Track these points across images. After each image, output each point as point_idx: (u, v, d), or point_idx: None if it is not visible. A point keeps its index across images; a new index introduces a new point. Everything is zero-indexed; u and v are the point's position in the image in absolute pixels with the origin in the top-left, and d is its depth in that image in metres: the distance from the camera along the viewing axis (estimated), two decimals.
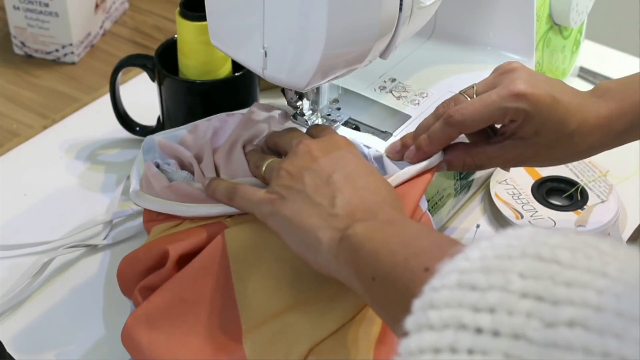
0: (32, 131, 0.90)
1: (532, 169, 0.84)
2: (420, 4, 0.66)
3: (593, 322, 0.35)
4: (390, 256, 0.51)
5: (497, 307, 0.37)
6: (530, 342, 0.36)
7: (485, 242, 0.41)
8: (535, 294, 0.37)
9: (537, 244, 0.40)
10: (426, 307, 0.39)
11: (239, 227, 0.65)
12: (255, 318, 0.62)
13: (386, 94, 0.79)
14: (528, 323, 0.36)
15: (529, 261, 0.39)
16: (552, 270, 0.38)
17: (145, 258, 0.66)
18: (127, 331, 0.62)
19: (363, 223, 0.56)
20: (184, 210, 0.67)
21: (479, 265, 0.40)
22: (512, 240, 0.41)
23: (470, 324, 0.38)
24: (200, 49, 0.80)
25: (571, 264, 0.38)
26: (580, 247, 0.39)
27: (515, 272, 0.38)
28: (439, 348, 0.38)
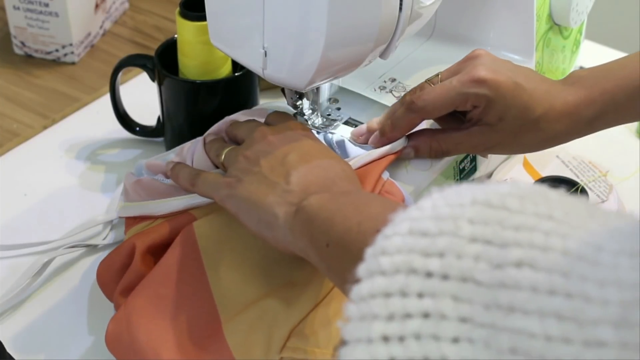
0: (32, 131, 0.90)
1: (532, 169, 0.84)
2: (420, 4, 0.66)
3: (540, 262, 0.36)
4: (343, 221, 0.52)
5: (446, 251, 0.38)
6: (479, 283, 0.37)
7: (438, 194, 0.42)
8: (484, 238, 0.38)
9: (487, 192, 0.40)
10: (378, 253, 0.40)
11: (207, 219, 0.66)
12: (232, 308, 0.63)
13: (386, 94, 0.79)
14: (476, 266, 0.37)
15: (479, 208, 0.39)
16: (500, 215, 0.39)
17: (117, 258, 0.67)
18: (110, 336, 0.63)
19: (317, 195, 0.57)
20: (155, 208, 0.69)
21: (430, 214, 0.40)
22: (463, 190, 0.42)
23: (420, 268, 0.38)
24: (200, 49, 0.80)
25: (519, 210, 0.39)
26: (529, 195, 0.40)
27: (465, 218, 0.39)
28: (390, 292, 0.38)
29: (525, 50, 0.84)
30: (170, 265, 0.64)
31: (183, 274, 0.64)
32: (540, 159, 0.86)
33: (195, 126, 0.81)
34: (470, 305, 0.37)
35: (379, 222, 0.43)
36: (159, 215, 0.69)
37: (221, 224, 0.65)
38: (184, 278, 0.64)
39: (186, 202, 0.68)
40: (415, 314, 0.38)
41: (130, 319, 0.62)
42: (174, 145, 0.80)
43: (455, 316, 0.37)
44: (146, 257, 0.66)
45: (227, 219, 0.65)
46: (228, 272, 0.64)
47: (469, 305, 0.37)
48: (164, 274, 0.64)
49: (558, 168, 0.85)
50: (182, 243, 0.65)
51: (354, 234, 0.51)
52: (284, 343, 0.61)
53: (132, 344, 0.61)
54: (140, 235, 0.67)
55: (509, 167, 0.85)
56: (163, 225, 0.67)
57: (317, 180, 0.60)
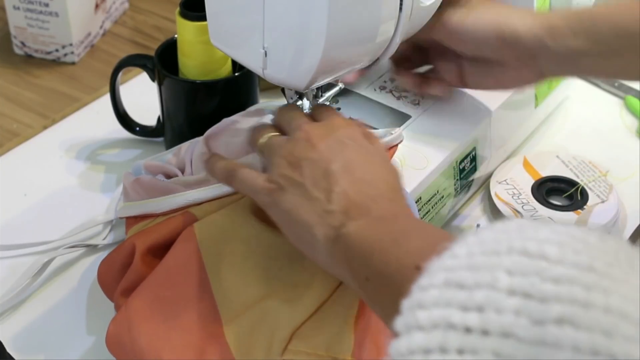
0: (32, 131, 0.90)
1: (532, 169, 0.84)
2: (420, 4, 0.66)
3: (581, 319, 0.35)
4: (382, 255, 0.52)
5: (485, 305, 0.37)
6: (520, 340, 0.36)
7: (472, 238, 0.41)
8: (523, 291, 0.37)
9: (524, 238, 0.39)
10: (414, 307, 0.39)
11: (208, 220, 0.66)
12: (233, 309, 0.62)
13: (386, 94, 0.79)
14: (516, 321, 0.36)
15: (516, 257, 0.38)
16: (539, 266, 0.38)
17: (118, 257, 0.67)
18: (110, 338, 0.63)
19: (356, 222, 0.56)
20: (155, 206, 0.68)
21: (466, 263, 0.39)
22: (499, 235, 0.41)
23: (459, 323, 0.37)
24: (200, 49, 0.80)
25: (558, 260, 0.38)
26: (568, 241, 0.39)
27: (502, 268, 0.38)
28: (429, 349, 0.38)
29: None
30: (171, 266, 0.64)
31: (184, 276, 0.64)
32: (541, 159, 0.86)
33: (195, 126, 0.81)
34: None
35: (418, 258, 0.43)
36: (160, 213, 0.69)
37: (222, 225, 0.65)
38: (185, 280, 0.64)
39: (187, 198, 0.68)
40: None
41: (131, 321, 0.62)
42: (174, 145, 0.80)
43: None
44: (146, 257, 0.66)
45: (228, 220, 0.65)
46: (229, 273, 0.64)
47: None
48: (165, 275, 0.64)
49: (558, 168, 0.85)
50: (182, 244, 0.65)
51: (393, 268, 0.50)
52: (285, 345, 0.61)
53: (133, 345, 0.61)
54: (141, 235, 0.67)
55: (509, 167, 0.85)
56: (163, 225, 0.67)
57: (358, 199, 0.58)
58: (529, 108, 0.87)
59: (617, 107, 0.96)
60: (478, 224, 0.80)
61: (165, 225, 0.67)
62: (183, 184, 0.69)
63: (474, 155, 0.79)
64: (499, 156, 0.84)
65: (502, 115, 0.81)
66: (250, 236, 0.65)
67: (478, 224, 0.80)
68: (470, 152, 0.78)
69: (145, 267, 0.65)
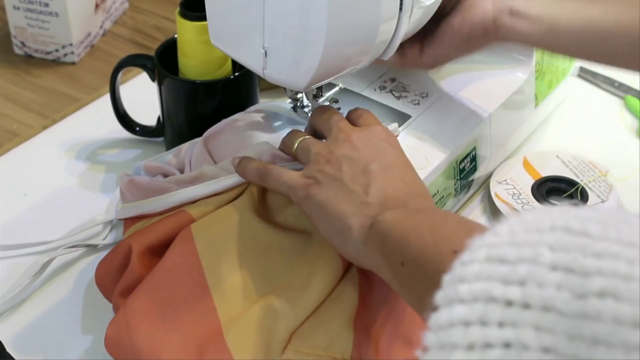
0: (32, 131, 0.90)
1: (532, 169, 0.84)
2: (420, 4, 0.66)
3: (623, 292, 0.35)
4: (418, 240, 0.52)
5: (527, 279, 0.37)
6: (561, 313, 0.36)
7: (515, 218, 0.41)
8: (565, 266, 0.37)
9: (567, 217, 0.39)
10: (456, 281, 0.39)
11: (205, 221, 0.66)
12: (232, 309, 0.63)
13: (386, 94, 0.79)
14: (558, 295, 0.36)
15: (559, 234, 0.38)
16: (581, 242, 0.38)
17: (115, 259, 0.67)
18: (109, 340, 0.63)
19: (393, 210, 0.57)
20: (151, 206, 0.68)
21: (508, 239, 0.40)
22: (541, 215, 0.41)
23: (500, 296, 0.37)
24: (200, 49, 0.80)
25: (601, 236, 0.38)
26: (611, 220, 0.39)
27: (545, 244, 0.38)
28: (469, 321, 0.38)
29: (525, 50, 0.84)
30: (168, 268, 0.64)
31: (182, 277, 0.64)
32: (541, 159, 0.86)
33: (195, 126, 0.81)
34: (553, 335, 0.36)
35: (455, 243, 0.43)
36: (156, 213, 0.69)
37: (219, 225, 0.65)
38: (183, 281, 0.64)
39: (182, 196, 0.68)
40: (496, 343, 0.37)
41: (130, 323, 0.62)
42: (174, 145, 0.80)
43: (538, 346, 0.36)
44: (143, 258, 0.66)
45: (226, 220, 0.65)
46: (227, 274, 0.64)
47: (552, 336, 0.36)
48: (163, 276, 0.64)
49: (558, 168, 0.85)
50: (180, 245, 0.65)
51: (430, 254, 0.50)
52: (284, 345, 0.61)
53: (131, 347, 0.61)
54: (136, 236, 0.67)
55: (509, 167, 0.85)
56: (158, 225, 0.67)
57: (395, 194, 0.60)
58: (529, 108, 0.87)
59: (617, 107, 0.96)
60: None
61: (161, 225, 0.67)
62: (176, 182, 0.69)
63: (474, 155, 0.79)
64: (499, 156, 0.84)
65: (502, 115, 0.81)
66: (248, 236, 0.65)
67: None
68: (470, 152, 0.78)
69: (142, 268, 0.65)
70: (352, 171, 0.61)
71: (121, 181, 0.72)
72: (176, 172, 0.72)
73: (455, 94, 0.80)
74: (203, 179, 0.68)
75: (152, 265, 0.65)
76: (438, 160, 0.74)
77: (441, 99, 0.79)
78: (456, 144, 0.76)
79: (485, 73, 0.83)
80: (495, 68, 0.84)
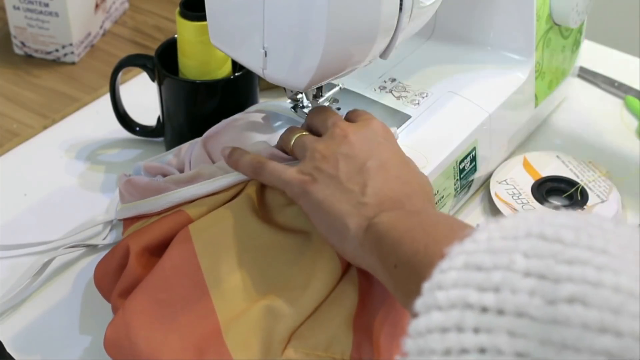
0: (32, 131, 0.90)
1: (532, 169, 0.84)
2: (420, 4, 0.66)
3: (591, 298, 0.36)
4: (411, 243, 0.53)
5: (501, 286, 0.38)
6: (533, 319, 0.37)
7: (494, 224, 0.42)
8: (538, 272, 0.38)
9: (542, 224, 0.40)
10: (434, 288, 0.40)
11: (204, 221, 0.66)
12: (231, 310, 0.62)
13: (386, 94, 0.79)
14: (531, 301, 0.37)
15: (534, 241, 0.39)
16: (554, 249, 0.38)
17: (113, 260, 0.67)
18: (108, 342, 0.62)
19: (389, 212, 0.57)
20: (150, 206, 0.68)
21: (485, 247, 0.40)
22: (519, 221, 0.41)
23: (475, 303, 0.38)
24: (200, 49, 0.80)
25: (574, 243, 0.38)
26: (584, 226, 0.40)
27: (520, 252, 0.39)
28: (446, 327, 0.39)
29: (525, 50, 0.84)
30: (167, 268, 0.64)
31: (180, 278, 0.64)
32: (541, 159, 0.86)
33: (195, 126, 0.81)
34: (526, 340, 0.37)
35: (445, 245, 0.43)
36: (154, 213, 0.69)
37: (217, 225, 0.65)
38: (182, 282, 0.63)
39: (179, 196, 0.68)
40: (471, 349, 0.38)
41: (129, 325, 0.62)
42: (174, 145, 0.80)
43: (512, 351, 0.37)
44: (141, 258, 0.66)
45: (224, 220, 0.65)
46: (225, 274, 0.64)
47: (525, 341, 0.37)
48: (161, 277, 0.64)
49: (558, 168, 0.85)
50: (178, 246, 0.65)
51: (421, 256, 0.51)
52: (284, 346, 0.61)
53: (131, 348, 0.61)
54: (134, 236, 0.67)
55: (509, 167, 0.85)
56: (156, 225, 0.67)
57: (392, 195, 0.60)
58: (529, 108, 0.87)
59: (617, 107, 0.96)
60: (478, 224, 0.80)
61: (159, 225, 0.67)
62: (174, 182, 0.69)
63: (474, 155, 0.79)
64: (499, 156, 0.84)
65: (502, 115, 0.81)
66: (247, 236, 0.65)
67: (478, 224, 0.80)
68: (470, 152, 0.78)
69: (140, 268, 0.65)
70: (349, 169, 0.61)
71: (120, 181, 0.73)
72: (176, 172, 0.72)
73: (455, 94, 0.80)
74: (200, 178, 0.68)
75: (150, 266, 0.65)
76: (438, 160, 0.74)
77: (441, 99, 0.79)
78: (456, 144, 0.76)
79: (485, 73, 0.83)
80: (495, 68, 0.84)
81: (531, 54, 0.84)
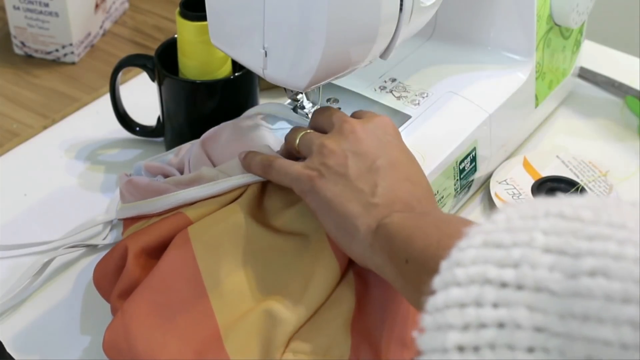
0: (32, 131, 0.90)
1: (532, 169, 0.84)
2: (420, 4, 0.66)
3: (614, 270, 0.36)
4: (423, 238, 0.52)
5: (520, 262, 0.38)
6: (553, 293, 0.37)
7: (511, 208, 0.42)
8: (558, 248, 0.38)
9: (561, 204, 0.41)
10: (453, 265, 0.40)
11: (203, 224, 0.65)
12: (230, 314, 0.62)
13: (386, 94, 0.79)
14: (550, 276, 0.37)
15: (553, 219, 0.40)
16: (574, 226, 0.39)
17: (111, 260, 0.67)
18: (107, 344, 0.62)
19: (400, 214, 0.57)
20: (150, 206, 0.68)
21: (504, 226, 0.41)
22: (536, 204, 0.42)
23: (495, 278, 0.38)
24: (200, 49, 0.80)
25: (593, 220, 0.39)
26: (602, 206, 0.40)
27: (539, 229, 0.39)
28: (465, 302, 0.39)
29: (526, 51, 0.84)
30: (166, 272, 0.64)
31: (179, 281, 0.63)
32: (541, 159, 0.86)
33: (195, 126, 0.81)
34: (545, 315, 0.37)
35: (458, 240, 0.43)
36: (155, 214, 0.69)
37: (216, 228, 0.65)
38: (181, 285, 0.63)
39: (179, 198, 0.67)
40: (490, 323, 0.38)
41: (128, 328, 0.62)
42: (174, 145, 0.80)
43: (530, 326, 0.37)
44: (139, 260, 0.66)
45: (222, 223, 0.65)
46: (224, 277, 0.63)
47: (544, 315, 0.37)
48: (160, 280, 0.63)
49: (558, 168, 0.85)
50: (177, 249, 0.64)
51: (433, 249, 0.51)
52: (283, 349, 0.61)
53: (130, 351, 0.61)
54: (133, 237, 0.67)
55: (509, 167, 0.85)
56: (155, 227, 0.67)
57: (402, 196, 0.59)
58: (529, 108, 0.87)
59: (617, 107, 0.96)
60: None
61: (157, 226, 0.67)
62: (175, 183, 0.69)
63: (474, 155, 0.79)
64: (499, 156, 0.84)
65: (502, 115, 0.81)
66: (246, 239, 0.64)
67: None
68: (470, 152, 0.78)
69: (138, 269, 0.65)
70: (359, 167, 0.60)
71: (120, 181, 0.72)
72: (176, 172, 0.72)
73: (455, 94, 0.80)
74: (201, 180, 0.68)
75: (148, 267, 0.65)
76: (438, 160, 0.74)
77: (441, 99, 0.79)
78: (456, 144, 0.76)
79: (485, 73, 0.83)
80: (495, 68, 0.84)
81: (531, 54, 0.84)
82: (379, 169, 0.59)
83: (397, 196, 0.59)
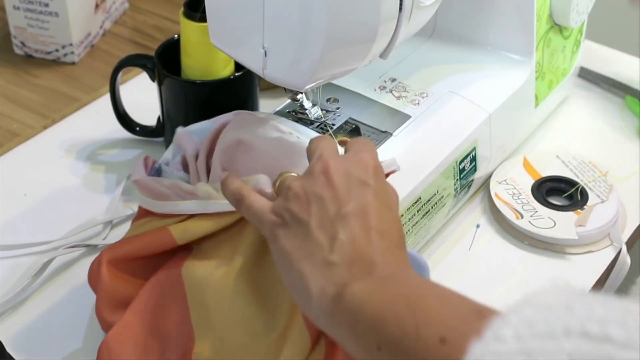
0: (32, 131, 0.90)
1: (532, 169, 0.84)
2: (420, 4, 0.66)
3: None
4: (397, 323, 0.46)
5: None
6: None
7: (514, 315, 0.37)
8: None
9: (581, 317, 0.35)
10: None
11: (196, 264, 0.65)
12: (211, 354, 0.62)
13: (386, 94, 0.79)
14: None
15: (576, 341, 0.34)
16: (605, 351, 0.34)
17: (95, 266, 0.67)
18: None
19: (362, 282, 0.50)
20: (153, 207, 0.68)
21: (516, 348, 0.35)
22: (544, 313, 0.36)
23: None
24: (203, 50, 0.80)
25: (625, 342, 0.34)
26: (628, 319, 0.35)
27: (564, 353, 0.34)
28: None
29: (526, 50, 0.84)
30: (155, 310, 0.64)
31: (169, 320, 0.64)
32: (541, 159, 0.86)
33: None
34: None
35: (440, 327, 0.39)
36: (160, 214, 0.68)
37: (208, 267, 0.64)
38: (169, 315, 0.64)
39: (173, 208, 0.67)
40: None
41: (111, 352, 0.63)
42: None
43: None
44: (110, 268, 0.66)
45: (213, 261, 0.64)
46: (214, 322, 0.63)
47: None
48: (150, 319, 0.64)
49: (558, 168, 0.85)
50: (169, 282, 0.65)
51: (412, 341, 0.45)
52: None
53: None
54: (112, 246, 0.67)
55: (509, 167, 0.85)
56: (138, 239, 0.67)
57: (365, 252, 0.52)
58: (529, 108, 0.87)
59: (617, 107, 0.96)
60: (478, 225, 0.80)
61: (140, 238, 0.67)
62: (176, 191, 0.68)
63: (474, 155, 0.79)
64: (499, 156, 0.84)
65: (502, 115, 0.81)
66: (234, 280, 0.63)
67: (478, 225, 0.80)
68: (470, 152, 0.78)
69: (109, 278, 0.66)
70: (321, 215, 0.53)
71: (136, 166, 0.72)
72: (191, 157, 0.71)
73: (455, 94, 0.80)
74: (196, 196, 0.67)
75: (118, 277, 0.66)
76: (438, 160, 0.74)
77: (441, 99, 0.79)
78: (456, 144, 0.76)
79: (485, 73, 0.83)
80: (495, 68, 0.84)
81: (531, 54, 0.84)
82: (344, 217, 0.53)
83: (358, 252, 0.52)
